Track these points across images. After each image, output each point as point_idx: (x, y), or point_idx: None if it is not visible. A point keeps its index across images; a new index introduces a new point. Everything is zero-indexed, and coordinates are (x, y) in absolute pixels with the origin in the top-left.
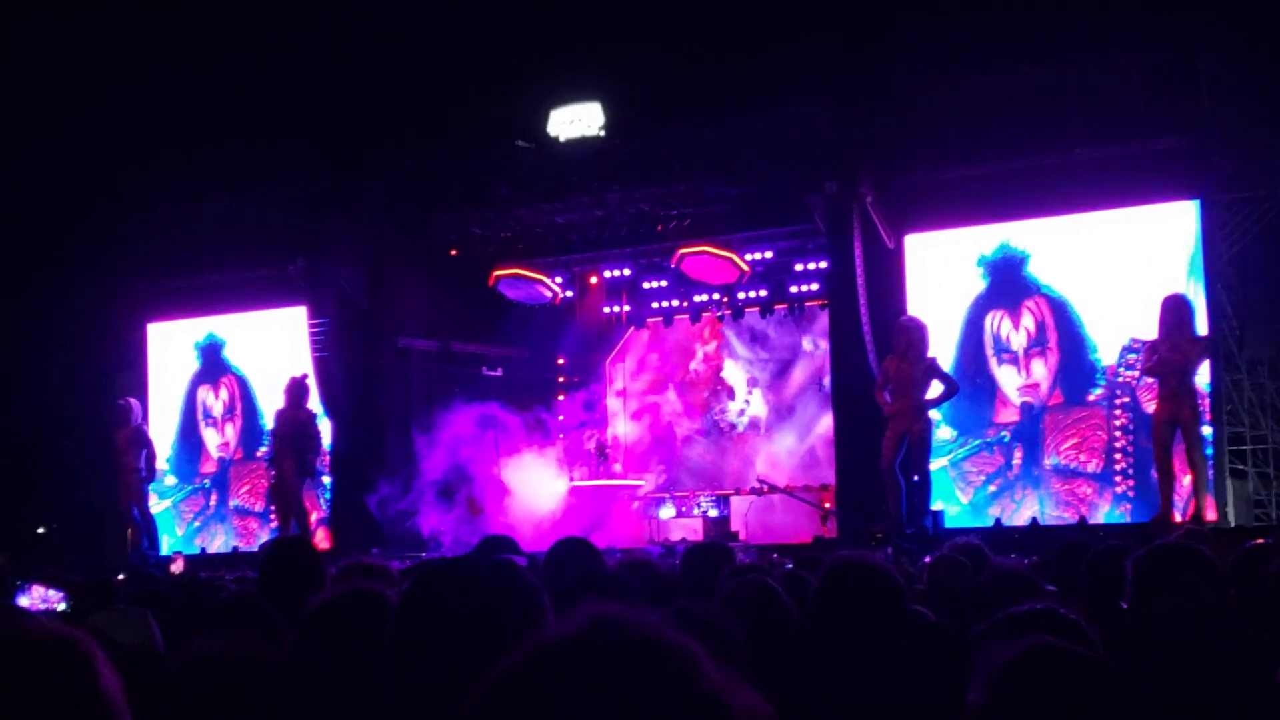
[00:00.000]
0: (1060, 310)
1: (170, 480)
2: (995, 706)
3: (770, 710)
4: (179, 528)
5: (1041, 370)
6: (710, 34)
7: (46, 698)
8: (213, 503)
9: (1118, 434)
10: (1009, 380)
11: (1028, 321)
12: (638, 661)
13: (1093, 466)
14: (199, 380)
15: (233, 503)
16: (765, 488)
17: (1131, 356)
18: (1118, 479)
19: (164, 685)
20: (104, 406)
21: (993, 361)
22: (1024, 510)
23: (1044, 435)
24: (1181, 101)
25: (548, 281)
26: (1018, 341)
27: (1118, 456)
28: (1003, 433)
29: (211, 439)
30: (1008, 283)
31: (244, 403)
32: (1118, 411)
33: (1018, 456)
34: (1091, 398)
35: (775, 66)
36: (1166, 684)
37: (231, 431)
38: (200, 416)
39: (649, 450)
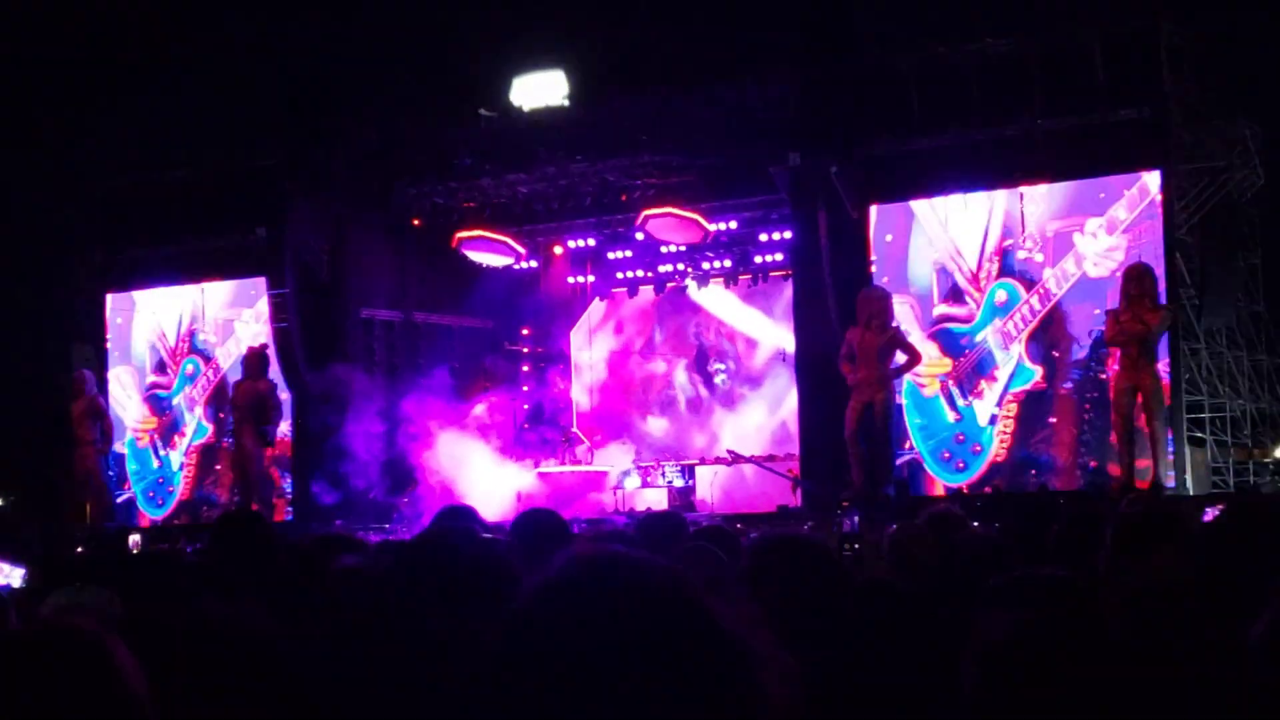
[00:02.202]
0: (1043, 296)
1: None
2: (989, 678)
3: (785, 656)
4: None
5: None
6: (676, 3)
7: (72, 693)
8: (177, 488)
9: (1085, 427)
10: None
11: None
12: (637, 596)
13: (1061, 459)
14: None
15: (199, 492)
16: (733, 457)
17: (1103, 352)
18: (1078, 472)
19: (175, 645)
20: (61, 378)
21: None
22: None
23: (1016, 425)
24: (1143, 73)
25: (510, 242)
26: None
27: (1081, 449)
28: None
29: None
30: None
31: (211, 382)
32: (1087, 406)
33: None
34: (1064, 390)
35: (741, 37)
36: (1141, 648)
37: (200, 412)
38: (179, 400)
39: (614, 420)
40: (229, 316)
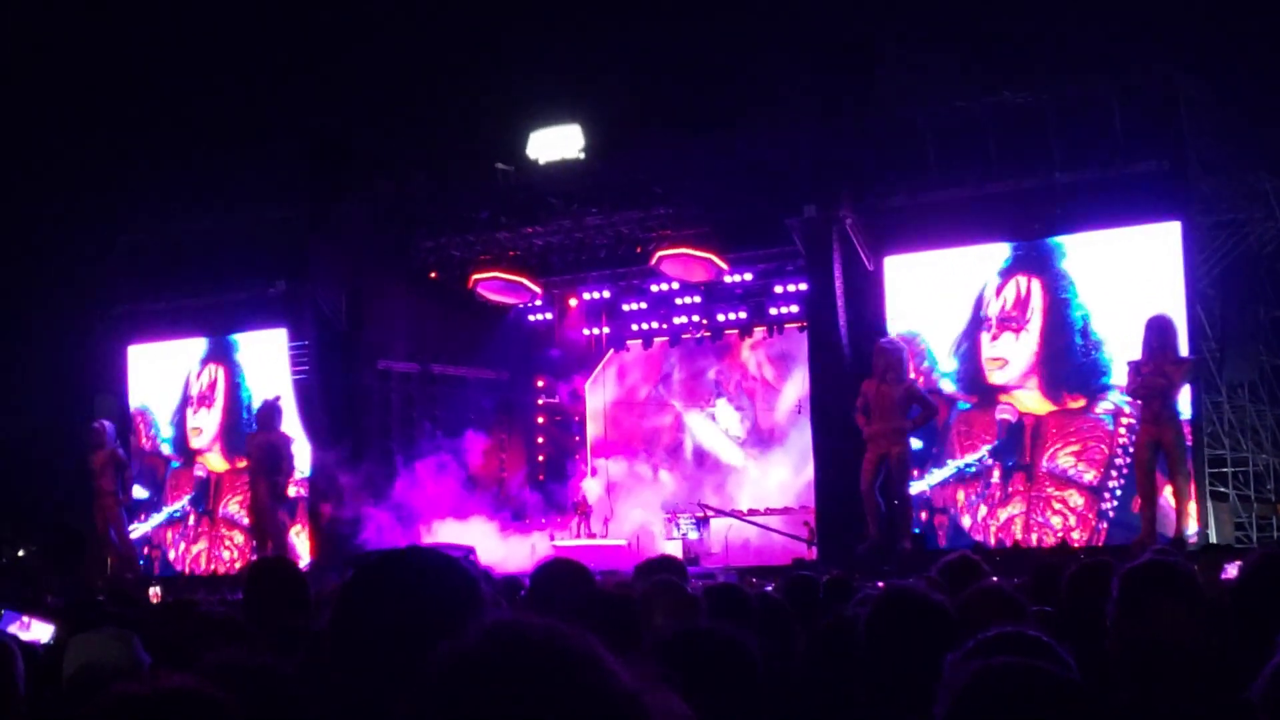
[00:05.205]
0: (1060, 304)
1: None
2: None
3: (686, 710)
4: (167, 549)
5: (1009, 346)
6: (690, 58)
7: None
8: (191, 522)
9: (1119, 451)
10: (983, 348)
11: (1009, 291)
12: (538, 664)
13: (1090, 477)
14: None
15: (222, 512)
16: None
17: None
18: (1106, 495)
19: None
20: (82, 429)
21: (984, 336)
22: (1009, 509)
23: (1043, 438)
24: (1161, 125)
25: (526, 283)
26: (994, 308)
27: (1113, 474)
28: (984, 451)
29: (195, 422)
30: (1035, 253)
31: (230, 396)
32: (1122, 431)
33: (996, 475)
34: (1099, 410)
35: (756, 90)
36: (1144, 703)
37: (210, 420)
38: (193, 395)
39: (628, 471)
40: (255, 364)
